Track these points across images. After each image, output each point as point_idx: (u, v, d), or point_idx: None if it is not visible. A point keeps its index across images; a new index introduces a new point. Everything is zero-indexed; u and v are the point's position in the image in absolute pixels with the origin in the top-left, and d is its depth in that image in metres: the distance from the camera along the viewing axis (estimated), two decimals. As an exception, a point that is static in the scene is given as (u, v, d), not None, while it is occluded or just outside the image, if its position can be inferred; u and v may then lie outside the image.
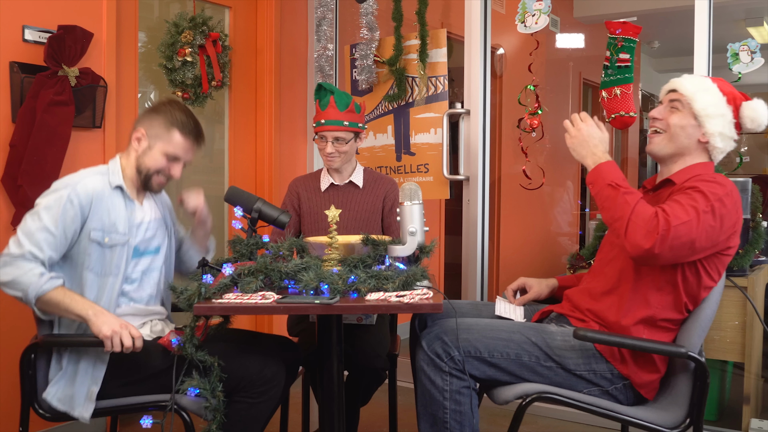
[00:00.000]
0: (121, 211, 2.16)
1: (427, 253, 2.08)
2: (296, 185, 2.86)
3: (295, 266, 1.91)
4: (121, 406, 2.13)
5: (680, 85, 2.08)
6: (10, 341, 2.70)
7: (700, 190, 1.89)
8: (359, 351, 2.41)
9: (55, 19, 2.79)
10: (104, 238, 2.10)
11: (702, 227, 1.84)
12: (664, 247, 1.81)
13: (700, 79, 2.10)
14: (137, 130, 2.21)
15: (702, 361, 1.93)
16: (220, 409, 1.98)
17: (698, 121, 2.02)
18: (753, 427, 2.98)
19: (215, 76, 3.34)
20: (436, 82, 3.51)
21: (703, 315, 2.00)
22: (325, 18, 3.77)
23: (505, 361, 1.99)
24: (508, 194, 5.06)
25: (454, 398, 1.96)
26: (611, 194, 1.92)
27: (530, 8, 3.17)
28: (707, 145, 2.05)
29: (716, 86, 2.05)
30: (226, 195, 2.37)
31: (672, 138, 2.05)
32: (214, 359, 1.98)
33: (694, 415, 1.94)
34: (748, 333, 3.01)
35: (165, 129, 2.19)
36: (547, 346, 2.01)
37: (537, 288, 2.34)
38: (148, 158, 2.20)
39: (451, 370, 1.96)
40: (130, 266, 2.17)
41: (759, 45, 2.78)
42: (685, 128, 2.03)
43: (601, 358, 2.00)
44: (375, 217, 2.76)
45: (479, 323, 2.08)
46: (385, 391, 2.64)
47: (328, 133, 2.65)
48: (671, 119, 2.05)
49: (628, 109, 3.06)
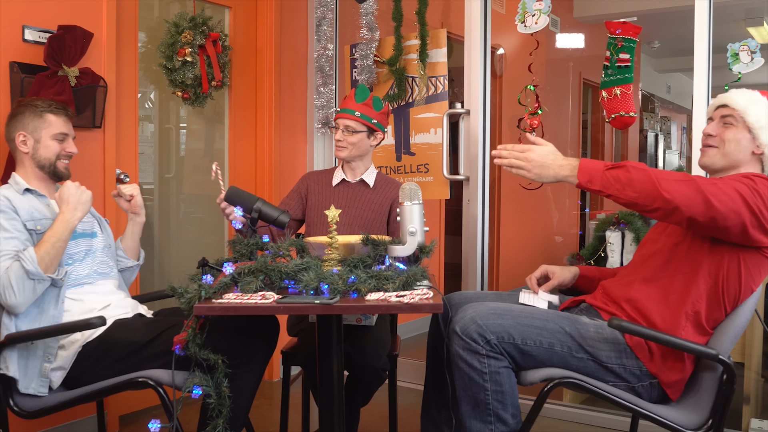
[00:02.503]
0: (39, 205, 2.31)
1: (427, 253, 2.08)
2: (309, 177, 2.91)
3: (295, 266, 1.91)
4: (99, 389, 2.14)
5: (731, 99, 2.09)
6: None
7: (739, 176, 1.92)
8: (359, 351, 2.41)
9: (55, 19, 2.79)
10: (36, 226, 2.23)
11: (739, 188, 1.84)
12: (704, 182, 1.82)
13: (748, 92, 2.11)
14: (16, 138, 2.34)
15: (731, 365, 1.93)
16: (226, 404, 1.98)
17: (752, 133, 2.05)
18: (753, 427, 2.98)
19: (215, 76, 3.34)
20: (436, 82, 3.51)
21: (738, 322, 2.00)
22: (325, 18, 3.78)
23: (537, 349, 2.00)
24: (508, 194, 5.06)
25: (494, 379, 1.98)
26: (619, 174, 1.87)
27: (530, 8, 3.17)
28: (762, 156, 2.07)
29: (765, 98, 2.07)
30: (226, 195, 2.37)
31: (726, 152, 2.07)
32: (217, 357, 1.99)
33: (716, 419, 1.93)
34: (748, 333, 3.01)
35: (38, 119, 2.34)
36: (581, 336, 2.02)
37: (560, 274, 2.34)
38: (43, 150, 2.34)
39: (488, 352, 1.98)
40: (70, 245, 2.27)
41: (759, 45, 2.78)
42: (740, 142, 2.06)
43: (632, 353, 2.01)
44: (380, 218, 2.78)
45: (513, 309, 2.08)
46: (385, 391, 2.64)
47: (340, 120, 2.73)
48: (726, 134, 2.07)
49: (628, 109, 3.06)
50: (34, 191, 2.34)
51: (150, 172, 3.54)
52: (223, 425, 1.97)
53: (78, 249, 2.34)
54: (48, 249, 2.13)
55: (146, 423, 1.96)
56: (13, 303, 2.10)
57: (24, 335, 2.14)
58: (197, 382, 1.95)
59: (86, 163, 2.90)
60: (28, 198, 2.31)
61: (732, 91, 2.13)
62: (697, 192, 1.81)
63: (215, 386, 1.97)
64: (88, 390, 2.15)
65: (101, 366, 2.17)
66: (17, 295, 2.09)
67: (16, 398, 2.13)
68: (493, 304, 2.09)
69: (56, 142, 2.35)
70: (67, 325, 2.16)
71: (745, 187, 1.86)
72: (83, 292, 2.30)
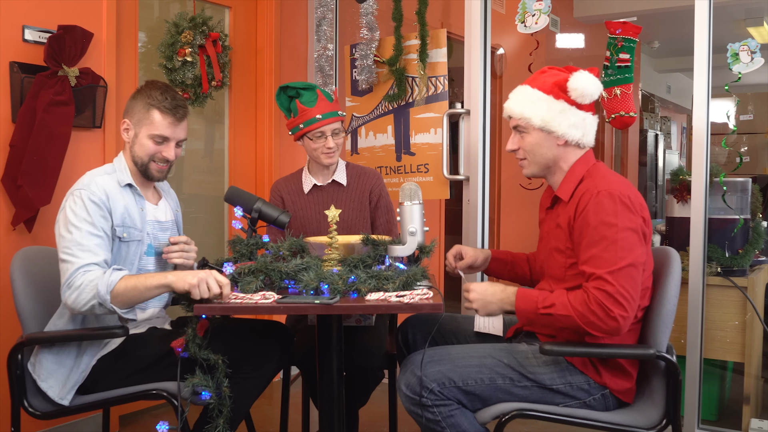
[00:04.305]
0: (134, 208, 2.18)
1: (427, 253, 2.08)
2: (278, 188, 2.77)
3: (295, 266, 1.92)
4: (113, 397, 2.14)
5: (510, 110, 2.09)
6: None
7: (596, 222, 1.90)
8: (355, 350, 2.40)
9: (55, 19, 2.79)
10: (123, 233, 2.13)
11: (628, 245, 1.87)
12: (623, 303, 1.83)
13: (520, 92, 2.08)
14: (123, 122, 2.22)
15: (672, 359, 1.94)
16: (226, 404, 1.98)
17: (545, 130, 2.03)
18: (753, 427, 2.98)
19: (215, 76, 3.33)
20: (436, 82, 3.51)
21: (665, 311, 2.00)
22: (325, 18, 3.78)
23: (480, 387, 1.98)
24: (508, 194, 5.06)
25: (450, 423, 1.97)
26: (549, 320, 1.93)
27: (530, 8, 3.17)
28: (568, 144, 2.05)
29: (537, 91, 2.04)
30: (226, 195, 2.37)
31: (536, 159, 2.07)
32: (218, 357, 1.98)
33: (671, 413, 1.95)
34: (748, 333, 3.01)
35: (144, 112, 2.17)
36: (520, 365, 2.00)
37: (473, 254, 2.34)
38: (138, 147, 2.19)
39: (434, 401, 1.96)
40: (142, 263, 2.19)
41: (759, 45, 2.78)
42: (540, 144, 2.05)
43: (575, 369, 2.00)
44: (363, 215, 2.71)
45: (450, 352, 2.07)
46: (385, 391, 2.64)
47: (327, 127, 2.56)
48: (524, 144, 2.07)
49: (628, 109, 3.06)
50: (134, 189, 2.21)
51: (150, 172, 3.54)
52: (224, 425, 1.97)
53: (149, 268, 2.23)
54: (130, 287, 1.97)
55: (146, 423, 1.96)
56: (67, 303, 2.01)
57: (45, 337, 2.10)
58: (197, 382, 1.95)
59: (86, 164, 2.90)
60: (125, 195, 2.17)
61: (510, 98, 2.10)
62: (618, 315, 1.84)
63: (215, 386, 1.97)
64: (102, 397, 2.13)
65: (116, 377, 2.13)
66: (73, 300, 1.98)
67: (30, 399, 2.12)
68: (431, 350, 2.07)
69: (153, 143, 2.17)
70: (87, 332, 2.11)
71: (630, 244, 1.89)
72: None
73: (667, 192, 3.37)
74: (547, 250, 2.13)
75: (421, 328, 2.33)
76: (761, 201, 3.25)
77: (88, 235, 2.03)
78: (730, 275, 3.02)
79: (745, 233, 3.12)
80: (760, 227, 3.20)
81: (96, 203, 2.07)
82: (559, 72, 2.07)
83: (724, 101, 2.98)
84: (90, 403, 2.13)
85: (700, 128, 2.88)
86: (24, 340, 2.10)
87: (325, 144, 2.58)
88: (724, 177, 2.98)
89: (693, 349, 2.90)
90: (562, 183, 2.08)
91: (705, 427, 2.95)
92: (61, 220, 2.08)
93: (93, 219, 2.05)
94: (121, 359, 2.13)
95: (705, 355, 2.96)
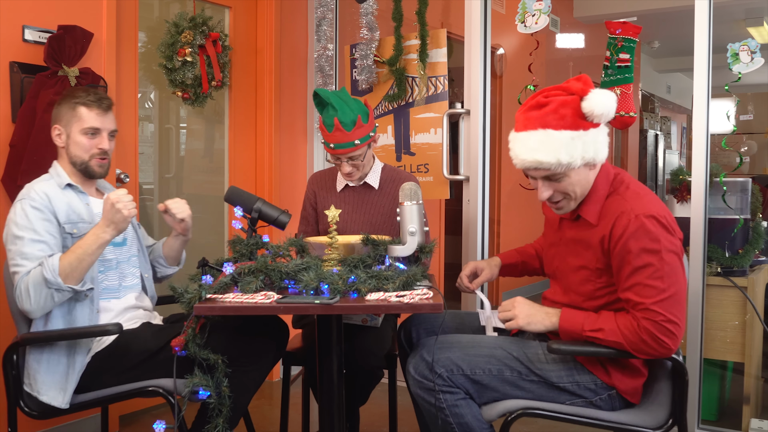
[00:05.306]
0: (78, 204, 2.23)
1: (427, 253, 2.08)
2: (314, 183, 2.78)
3: (295, 266, 1.92)
4: (109, 395, 2.15)
5: (538, 163, 1.89)
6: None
7: (638, 249, 1.85)
8: (356, 349, 2.40)
9: (55, 19, 2.79)
10: (72, 230, 2.17)
11: (672, 270, 1.85)
12: (672, 330, 1.83)
13: (541, 140, 1.89)
14: (54, 128, 2.28)
15: (679, 360, 1.94)
16: (226, 404, 1.98)
17: (573, 165, 1.89)
18: (753, 427, 2.98)
19: (215, 76, 3.33)
20: (436, 82, 3.51)
21: None
22: (325, 18, 3.78)
23: (487, 377, 1.98)
24: (508, 194, 5.07)
25: (454, 412, 1.97)
26: (594, 341, 1.93)
27: (530, 8, 3.17)
28: (592, 165, 1.94)
29: (563, 131, 1.87)
30: (226, 195, 2.37)
31: (577, 195, 1.96)
32: (217, 357, 1.99)
33: (677, 414, 1.95)
34: (748, 333, 3.01)
35: (71, 111, 2.25)
36: (529, 360, 2.00)
37: (488, 270, 2.34)
38: (73, 146, 2.25)
39: (440, 387, 1.96)
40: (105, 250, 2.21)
41: (759, 45, 2.78)
42: (579, 181, 1.93)
43: (583, 368, 2.00)
44: (391, 220, 2.64)
45: (461, 340, 2.07)
46: (385, 391, 2.64)
47: (341, 156, 2.50)
48: (562, 188, 1.94)
49: (628, 109, 3.06)
50: (75, 187, 2.26)
51: (150, 172, 3.54)
52: (223, 425, 1.98)
53: (112, 257, 2.28)
54: (72, 260, 2.04)
55: (146, 423, 1.96)
56: (28, 309, 2.05)
57: (38, 336, 2.11)
58: (197, 382, 1.95)
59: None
60: (67, 195, 2.22)
61: (534, 149, 1.89)
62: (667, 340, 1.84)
63: (215, 386, 1.97)
64: (98, 395, 2.14)
65: (111, 374, 2.15)
66: (32, 302, 2.03)
67: (26, 399, 2.12)
68: (443, 337, 2.07)
69: (86, 137, 2.24)
70: (82, 330, 2.13)
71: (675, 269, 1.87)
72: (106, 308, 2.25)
73: (667, 192, 3.38)
74: (566, 262, 2.08)
75: (424, 326, 2.33)
76: (761, 201, 3.25)
77: (30, 242, 2.08)
78: (730, 275, 3.02)
79: (745, 233, 3.12)
80: (760, 227, 3.20)
81: (37, 208, 2.12)
82: (561, 94, 1.92)
83: (724, 101, 2.98)
84: (86, 402, 2.14)
85: (700, 128, 2.88)
86: (19, 340, 2.11)
87: (341, 168, 2.56)
88: (724, 177, 2.98)
89: (693, 349, 2.90)
90: (585, 202, 1.98)
91: (705, 427, 2.95)
92: (7, 234, 2.13)
93: (34, 225, 2.10)
94: (115, 355, 2.14)
95: (705, 355, 2.97)
